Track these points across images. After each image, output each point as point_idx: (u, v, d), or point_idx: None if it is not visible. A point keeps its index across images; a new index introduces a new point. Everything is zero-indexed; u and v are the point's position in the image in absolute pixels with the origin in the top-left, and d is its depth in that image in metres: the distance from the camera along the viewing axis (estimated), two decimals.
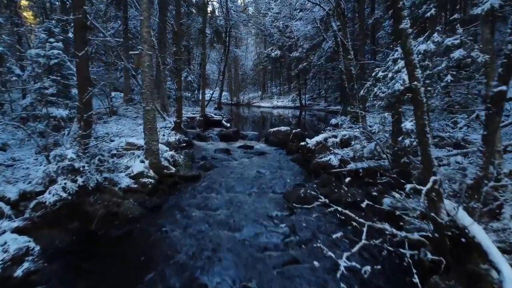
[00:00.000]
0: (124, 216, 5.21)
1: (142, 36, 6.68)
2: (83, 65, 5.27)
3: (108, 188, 5.58)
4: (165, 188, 6.63)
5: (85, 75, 5.29)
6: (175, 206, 5.92)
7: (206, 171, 8.26)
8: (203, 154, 10.09)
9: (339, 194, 6.33)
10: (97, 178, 5.07)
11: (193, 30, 24.28)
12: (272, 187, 7.04)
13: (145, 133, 6.83)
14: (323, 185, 6.90)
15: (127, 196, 5.77)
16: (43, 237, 4.48)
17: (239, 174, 7.98)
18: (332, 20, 15.42)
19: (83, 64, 5.26)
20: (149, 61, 6.71)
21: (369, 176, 7.29)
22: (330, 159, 7.86)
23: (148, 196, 6.06)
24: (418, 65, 3.18)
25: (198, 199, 6.31)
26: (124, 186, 5.93)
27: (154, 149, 6.84)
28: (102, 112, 15.65)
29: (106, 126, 12.12)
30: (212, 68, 37.75)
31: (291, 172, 8.22)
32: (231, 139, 12.34)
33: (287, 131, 11.37)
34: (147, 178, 6.34)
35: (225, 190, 6.83)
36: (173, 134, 11.39)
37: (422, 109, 3.24)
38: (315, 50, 27.38)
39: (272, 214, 5.59)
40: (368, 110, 10.87)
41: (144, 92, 6.76)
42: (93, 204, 5.10)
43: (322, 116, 24.97)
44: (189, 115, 16.52)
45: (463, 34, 4.50)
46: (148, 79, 6.71)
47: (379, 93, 4.78)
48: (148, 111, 6.75)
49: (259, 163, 9.05)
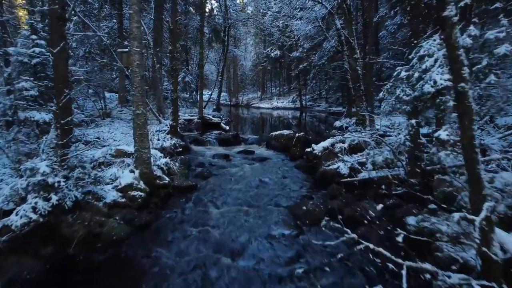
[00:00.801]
0: (107, 238, 4.53)
1: (131, 32, 6.01)
2: (60, 63, 4.58)
3: (91, 205, 4.90)
4: (157, 202, 5.95)
5: (62, 75, 4.61)
6: (167, 223, 5.24)
7: (203, 179, 7.58)
8: (200, 160, 9.40)
9: (352, 209, 5.68)
10: (76, 195, 4.38)
11: (191, 29, 23.63)
12: (275, 199, 6.36)
13: (135, 140, 6.14)
14: (332, 196, 6.24)
15: (113, 212, 5.09)
16: (9, 266, 3.81)
17: (239, 184, 7.31)
18: (335, 17, 14.82)
19: (60, 61, 4.58)
20: (139, 59, 6.03)
21: (382, 185, 6.65)
22: (339, 167, 7.19)
23: (138, 212, 5.37)
24: (465, 62, 2.51)
25: (193, 214, 5.63)
26: (110, 201, 5.25)
27: (145, 157, 6.16)
28: (95, 115, 14.98)
29: (98, 130, 11.43)
30: (210, 69, 37.16)
31: (296, 181, 7.55)
32: (230, 143, 11.67)
33: (290, 135, 10.70)
34: (136, 191, 5.66)
35: (224, 203, 6.15)
36: (168, 138, 10.72)
37: (471, 117, 2.58)
38: (315, 50, 26.73)
39: (277, 233, 4.91)
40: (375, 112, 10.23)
41: (134, 94, 6.08)
42: (72, 224, 4.42)
43: (323, 118, 24.37)
44: (186, 117, 15.85)
45: (509, 26, 3.87)
46: (138, 80, 6.04)
47: (403, 95, 4.13)
48: (138, 115, 6.07)
49: (260, 171, 8.38)
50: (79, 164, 4.60)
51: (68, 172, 4.47)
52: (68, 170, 4.47)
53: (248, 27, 34.87)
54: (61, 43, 4.44)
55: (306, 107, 30.73)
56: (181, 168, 7.83)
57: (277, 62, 36.63)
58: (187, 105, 23.07)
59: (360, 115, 10.92)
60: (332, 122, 20.42)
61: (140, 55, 6.07)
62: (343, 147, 8.02)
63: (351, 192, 6.40)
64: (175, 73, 11.84)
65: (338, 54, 21.78)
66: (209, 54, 29.30)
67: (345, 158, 7.49)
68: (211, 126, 15.43)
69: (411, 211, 5.26)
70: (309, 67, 28.06)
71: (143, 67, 6.29)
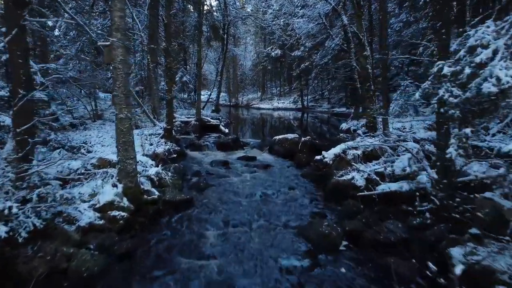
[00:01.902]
0: (76, 274, 3.62)
1: (113, 22, 5.11)
2: (15, 56, 3.68)
3: (59, 230, 4.00)
4: (143, 221, 5.05)
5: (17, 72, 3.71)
6: (154, 251, 4.34)
7: (199, 192, 6.69)
8: (196, 168, 8.50)
9: (375, 231, 4.78)
10: (34, 222, 3.50)
11: (188, 27, 22.73)
12: (282, 217, 5.47)
13: (118, 149, 5.24)
14: (349, 215, 5.34)
15: (87, 239, 4.19)
16: None
17: (240, 197, 6.42)
18: (341, 13, 13.95)
19: (14, 55, 3.68)
20: (123, 54, 5.13)
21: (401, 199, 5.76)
22: (354, 178, 6.30)
23: (119, 236, 4.47)
24: None
25: (186, 238, 4.73)
26: (85, 224, 4.35)
27: (130, 169, 5.26)
28: (85, 117, 14.07)
29: (86, 134, 10.52)
30: (210, 68, 36.27)
31: (304, 194, 6.66)
32: (230, 148, 10.76)
33: (295, 139, 9.80)
34: (118, 210, 4.75)
35: (222, 222, 5.26)
36: (162, 143, 9.81)
37: None
38: (317, 49, 25.86)
39: (288, 265, 4.02)
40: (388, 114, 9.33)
41: (116, 95, 5.19)
42: (31, 259, 3.52)
43: (326, 119, 23.52)
44: (183, 119, 14.95)
45: None
46: (122, 78, 5.14)
47: (449, 97, 3.25)
48: (121, 120, 5.17)
49: (263, 180, 7.48)
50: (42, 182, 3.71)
51: (28, 192, 3.58)
52: (28, 190, 3.59)
53: (248, 26, 33.96)
54: (13, 31, 3.53)
55: (307, 107, 29.86)
56: (174, 178, 6.93)
57: (278, 61, 35.78)
58: (185, 106, 22.17)
59: (371, 118, 10.05)
60: (335, 124, 19.56)
61: (124, 49, 5.17)
62: (356, 154, 7.14)
63: (370, 209, 5.51)
64: (170, 72, 10.95)
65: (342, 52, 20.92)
66: (208, 54, 28.39)
67: (360, 167, 6.60)
68: (209, 129, 14.54)
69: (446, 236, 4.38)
70: (310, 67, 27.21)
71: (128, 64, 5.40)
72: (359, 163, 6.96)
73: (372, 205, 5.67)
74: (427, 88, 3.73)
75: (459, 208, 4.70)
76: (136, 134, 9.77)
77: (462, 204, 4.79)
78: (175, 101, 20.05)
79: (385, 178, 6.30)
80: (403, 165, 6.36)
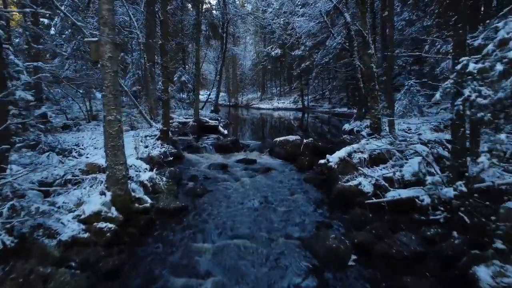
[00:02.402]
0: None
1: (101, 16, 4.70)
2: None
3: (37, 246, 3.59)
4: (134, 233, 4.64)
5: None
6: (143, 267, 3.92)
7: (196, 198, 6.28)
8: (194, 172, 8.08)
9: (386, 243, 4.37)
10: (3, 240, 3.08)
11: (187, 25, 22.31)
12: (285, 227, 5.05)
13: (107, 154, 4.83)
14: (357, 225, 4.93)
15: (70, 254, 3.78)
16: None
17: (239, 204, 6.01)
18: (343, 10, 13.56)
19: None
20: (112, 51, 4.72)
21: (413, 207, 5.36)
22: (361, 183, 5.89)
23: (105, 250, 4.05)
24: None
25: (180, 252, 4.32)
26: (67, 237, 3.93)
27: (119, 175, 4.84)
28: (80, 118, 13.66)
29: (79, 136, 10.12)
30: (209, 68, 35.87)
31: (308, 200, 6.25)
32: (229, 150, 10.34)
33: (297, 142, 9.39)
34: (105, 221, 4.34)
35: (220, 233, 4.85)
36: (158, 145, 9.41)
37: None
38: (318, 48, 25.45)
39: (291, 285, 3.61)
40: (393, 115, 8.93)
41: (104, 95, 4.77)
42: (2, 281, 3.11)
43: (327, 119, 23.13)
44: (181, 120, 14.56)
45: None
46: (110, 77, 4.73)
47: (476, 97, 2.85)
48: (110, 122, 4.76)
49: (264, 185, 7.07)
50: (15, 194, 3.31)
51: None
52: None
53: (247, 25, 33.51)
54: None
55: (308, 107, 29.48)
56: (169, 184, 6.52)
57: (278, 61, 35.41)
58: (183, 106, 21.75)
59: (375, 118, 9.65)
60: (337, 124, 19.16)
61: (113, 45, 4.76)
62: (362, 158, 6.73)
63: (379, 218, 5.10)
64: (167, 71, 10.55)
65: (343, 51, 20.52)
66: (208, 53, 27.96)
67: (367, 172, 6.20)
68: (208, 130, 14.14)
69: (465, 250, 3.99)
70: (311, 66, 26.84)
71: (117, 62, 4.98)
72: (365, 167, 6.56)
73: (381, 213, 5.27)
74: (448, 87, 3.33)
75: (479, 218, 4.30)
76: (131, 135, 9.37)
77: (482, 213, 4.41)
78: (173, 101, 19.64)
79: (394, 184, 5.91)
80: (412, 170, 5.96)
